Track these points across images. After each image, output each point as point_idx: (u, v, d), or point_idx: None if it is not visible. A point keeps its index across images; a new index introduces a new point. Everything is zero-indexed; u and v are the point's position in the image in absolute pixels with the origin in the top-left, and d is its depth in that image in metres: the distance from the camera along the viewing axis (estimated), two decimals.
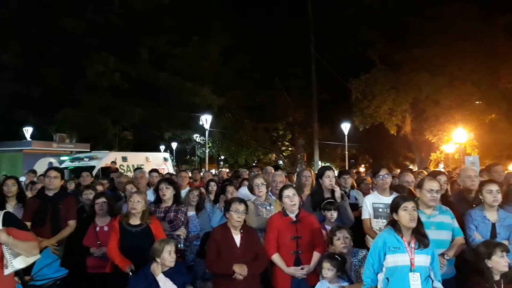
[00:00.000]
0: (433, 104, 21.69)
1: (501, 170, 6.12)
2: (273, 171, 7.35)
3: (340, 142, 28.34)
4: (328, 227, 4.45)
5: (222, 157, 32.29)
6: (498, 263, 3.68)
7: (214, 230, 4.22)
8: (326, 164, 32.89)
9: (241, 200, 4.16)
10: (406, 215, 3.30)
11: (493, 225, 4.19)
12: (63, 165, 16.66)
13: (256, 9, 24.38)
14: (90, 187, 5.87)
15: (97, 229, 4.77)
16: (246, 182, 6.74)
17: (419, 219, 3.35)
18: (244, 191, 6.06)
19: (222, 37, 23.52)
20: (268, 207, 5.03)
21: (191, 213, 5.52)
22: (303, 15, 24.58)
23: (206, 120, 21.03)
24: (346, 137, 26.20)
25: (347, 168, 18.64)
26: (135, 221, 4.34)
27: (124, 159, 18.53)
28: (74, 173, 13.98)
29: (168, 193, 4.90)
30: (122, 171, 15.33)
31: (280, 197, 4.38)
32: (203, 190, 6.23)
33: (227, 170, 22.57)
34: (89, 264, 4.63)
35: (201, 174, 9.32)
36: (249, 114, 26.67)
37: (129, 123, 25.99)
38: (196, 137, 28.94)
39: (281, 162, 31.34)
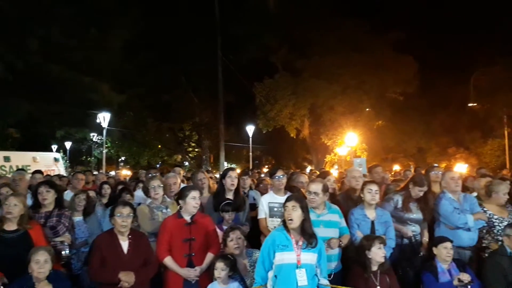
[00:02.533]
0: (329, 110, 23.28)
1: (380, 171, 6.76)
2: (181, 171, 7.18)
3: (245, 144, 28.90)
4: None
5: (123, 158, 30.68)
6: (377, 254, 4.05)
7: (99, 237, 3.95)
8: (231, 165, 33.49)
9: (126, 203, 3.95)
10: (285, 214, 3.44)
11: (372, 222, 4.58)
12: None
13: (163, 5, 23.73)
14: None
15: None
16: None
17: (306, 219, 3.46)
18: (140, 194, 5.80)
19: (124, 31, 22.30)
20: (164, 210, 4.87)
21: (78, 218, 5.13)
22: (211, 15, 24.58)
23: (104, 118, 19.76)
24: (250, 139, 26.81)
25: (251, 169, 19.01)
26: (11, 226, 3.89)
27: (7, 159, 16.44)
28: None
29: (49, 196, 4.46)
30: (4, 172, 13.62)
31: (185, 196, 4.19)
32: (92, 193, 5.80)
33: (129, 172, 21.52)
34: None
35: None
36: (153, 113, 25.72)
37: (15, 119, 23.24)
38: (93, 136, 26.95)
39: (187, 163, 30.88)
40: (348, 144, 22.35)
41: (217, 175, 11.70)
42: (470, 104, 26.79)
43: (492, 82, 26.08)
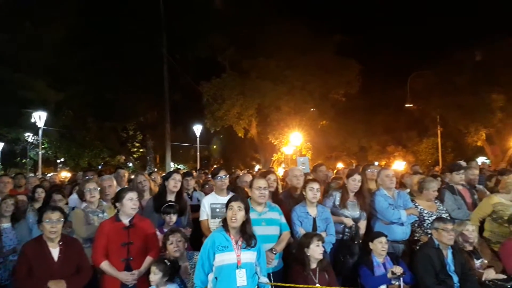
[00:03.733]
0: (275, 110, 23.53)
1: (324, 170, 6.99)
2: (126, 174, 6.95)
3: (193, 144, 28.51)
4: None
5: (63, 159, 29.04)
6: (315, 251, 4.15)
7: (26, 245, 3.71)
8: (179, 166, 32.92)
9: (55, 208, 3.74)
10: (229, 214, 3.43)
11: (314, 219, 4.72)
12: None
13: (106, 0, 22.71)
14: None
15: None
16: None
17: (247, 220, 3.49)
18: (75, 197, 5.52)
19: (62, 26, 21.06)
20: (100, 214, 4.70)
21: (5, 224, 4.81)
22: (156, 13, 23.92)
23: (39, 117, 18.54)
24: (198, 138, 26.52)
25: (198, 169, 18.78)
26: None
27: None
28: None
29: None
30: None
31: (121, 198, 4.07)
32: (22, 197, 5.44)
33: (69, 174, 20.40)
34: None
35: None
36: (94, 112, 24.54)
37: None
38: (28, 136, 25.17)
39: (131, 164, 29.89)
40: (293, 143, 22.81)
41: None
42: (407, 105, 28.41)
43: (426, 85, 27.80)
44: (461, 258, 4.50)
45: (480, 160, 25.39)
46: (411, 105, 28.48)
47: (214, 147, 35.35)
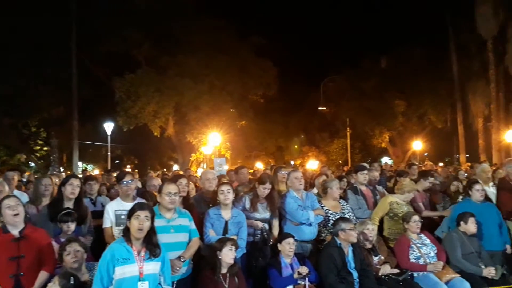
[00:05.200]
0: (194, 109, 23.12)
1: (245, 172, 7.02)
2: (15, 176, 6.26)
3: (104, 142, 26.90)
4: None
5: None
6: (227, 255, 4.13)
7: None
8: (87, 166, 30.85)
9: None
10: (136, 224, 3.25)
11: (226, 222, 4.70)
12: None
13: None
14: None
15: None
16: None
17: (152, 229, 3.35)
18: None
19: None
20: None
21: None
22: (65, 4, 22.11)
23: None
24: (109, 137, 25.08)
25: (109, 169, 17.73)
26: None
27: None
28: None
29: None
30: None
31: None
32: None
33: None
34: None
35: None
36: None
37: None
38: None
39: (33, 164, 27.33)
40: (212, 143, 22.68)
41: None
42: (320, 108, 30.04)
43: (337, 89, 29.69)
44: (360, 255, 4.81)
45: (385, 160, 27.65)
46: (324, 108, 30.19)
47: None
